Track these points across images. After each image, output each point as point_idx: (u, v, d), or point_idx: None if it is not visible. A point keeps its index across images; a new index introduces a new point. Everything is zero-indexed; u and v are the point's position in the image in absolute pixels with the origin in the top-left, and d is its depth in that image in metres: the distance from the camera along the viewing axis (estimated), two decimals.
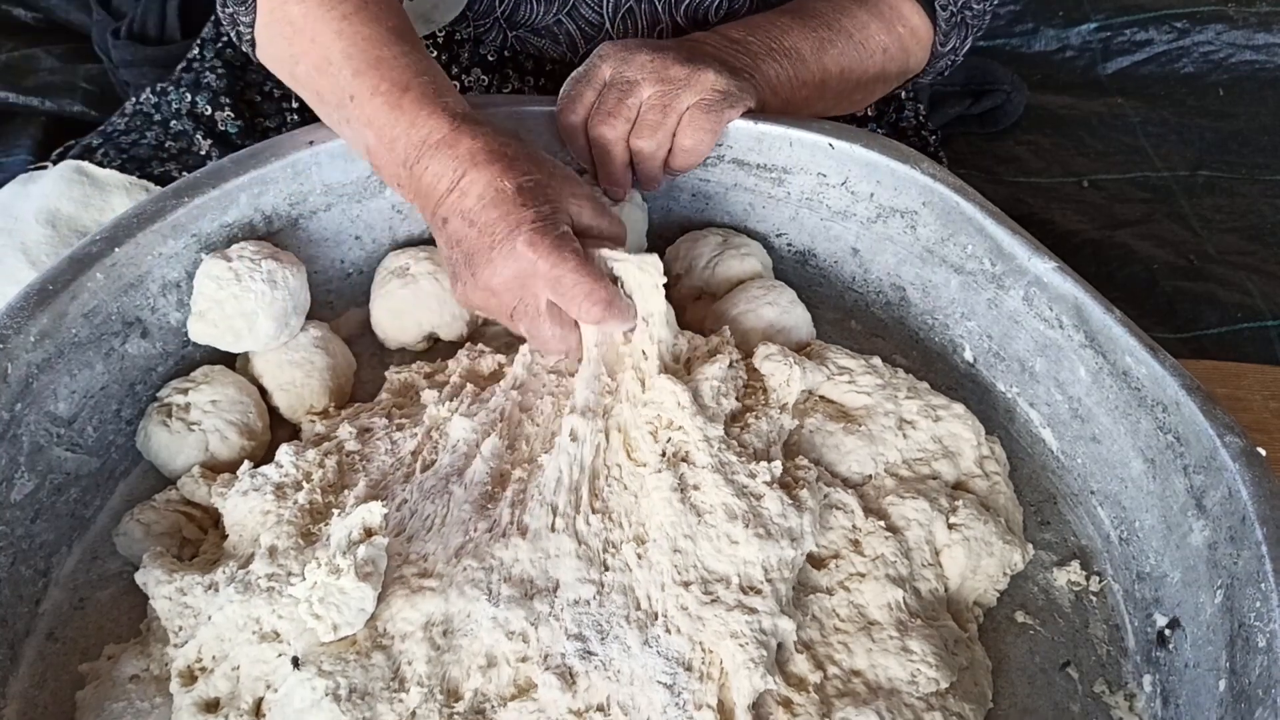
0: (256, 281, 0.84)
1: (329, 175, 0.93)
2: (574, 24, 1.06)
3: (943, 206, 0.92)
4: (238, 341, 0.86)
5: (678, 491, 0.74)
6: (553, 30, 1.06)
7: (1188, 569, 0.75)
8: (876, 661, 0.71)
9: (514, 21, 1.07)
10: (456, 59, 1.11)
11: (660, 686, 0.67)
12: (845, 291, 1.02)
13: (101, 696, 0.71)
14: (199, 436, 0.83)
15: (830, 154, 0.95)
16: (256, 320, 0.85)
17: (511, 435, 0.80)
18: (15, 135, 1.31)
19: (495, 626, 0.69)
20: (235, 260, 0.85)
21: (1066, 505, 0.88)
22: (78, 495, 0.81)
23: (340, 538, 0.69)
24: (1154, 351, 0.79)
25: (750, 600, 0.70)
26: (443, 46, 1.10)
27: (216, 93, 1.15)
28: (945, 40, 1.04)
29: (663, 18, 1.05)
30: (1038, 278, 0.86)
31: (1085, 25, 1.65)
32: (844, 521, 0.78)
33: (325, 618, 0.66)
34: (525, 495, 0.75)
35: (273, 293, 0.85)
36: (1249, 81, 1.60)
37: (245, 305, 0.84)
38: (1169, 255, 1.33)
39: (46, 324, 0.77)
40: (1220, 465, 0.73)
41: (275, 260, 0.86)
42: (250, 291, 0.84)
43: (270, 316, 0.85)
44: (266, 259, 0.86)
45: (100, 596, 0.79)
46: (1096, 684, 0.77)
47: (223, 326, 0.85)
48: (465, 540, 0.73)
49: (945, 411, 0.86)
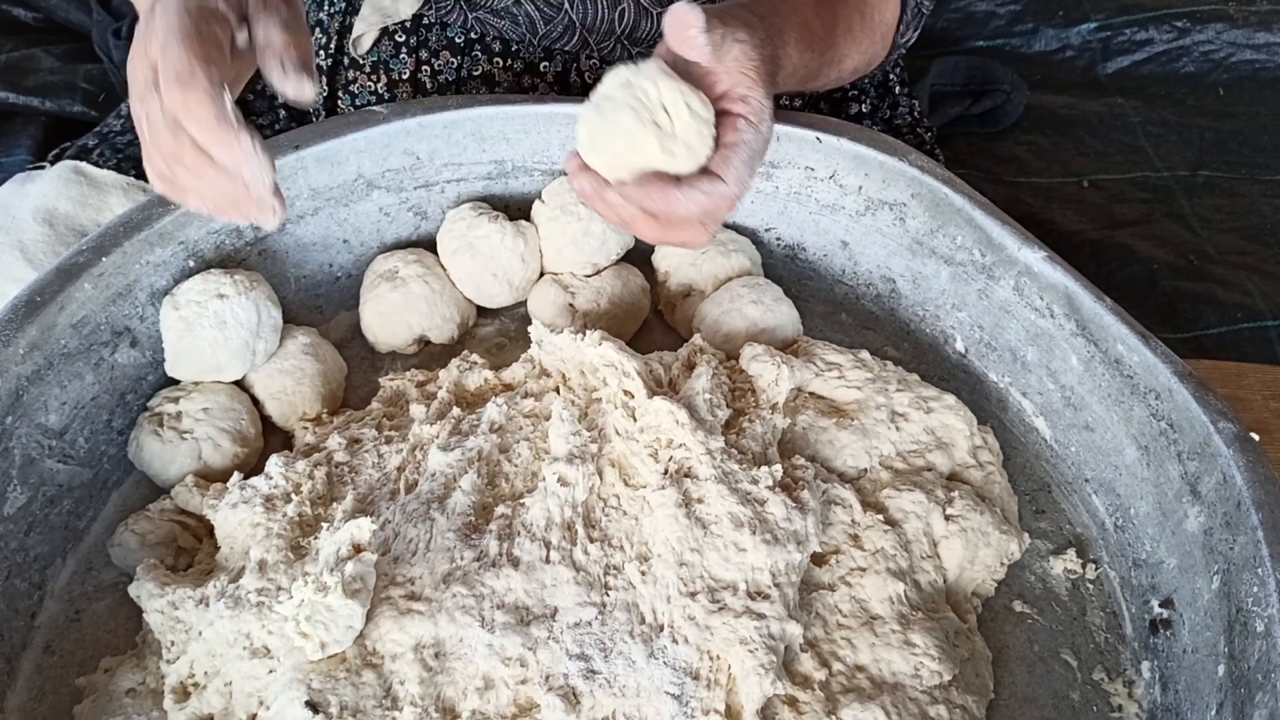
0: (206, 328, 0.84)
1: (315, 179, 0.92)
2: (533, 5, 1.06)
3: (931, 198, 0.92)
4: (218, 374, 0.87)
5: (682, 507, 0.73)
6: (511, 11, 1.07)
7: (1184, 555, 0.76)
8: (880, 656, 0.71)
9: (473, 3, 1.07)
10: (425, 43, 1.11)
11: (668, 697, 0.67)
12: (835, 285, 1.02)
13: (99, 711, 0.71)
14: (192, 445, 0.83)
15: (818, 148, 0.95)
16: (220, 359, 0.85)
17: (490, 473, 0.79)
18: (15, 135, 1.30)
19: (491, 653, 0.68)
20: (183, 307, 0.84)
21: (1061, 494, 0.88)
22: (71, 507, 0.81)
23: (328, 554, 0.69)
24: (1145, 339, 0.79)
25: (758, 606, 0.70)
26: (411, 30, 1.11)
27: None
28: (904, 32, 1.04)
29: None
30: (1028, 267, 0.86)
31: (1085, 25, 1.65)
32: (843, 517, 0.78)
33: (313, 635, 0.66)
34: (511, 530, 0.74)
35: (224, 334, 0.84)
36: (1249, 81, 1.60)
37: (204, 351, 0.85)
38: (1169, 255, 1.33)
39: (35, 335, 0.76)
40: (1214, 451, 0.73)
41: (221, 298, 0.85)
42: (203, 339, 0.84)
43: (230, 354, 0.85)
44: (213, 298, 0.84)
45: (96, 608, 0.78)
46: (1095, 671, 0.78)
47: (195, 367, 0.86)
48: (453, 567, 0.72)
49: (936, 403, 0.86)
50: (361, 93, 1.13)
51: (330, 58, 1.13)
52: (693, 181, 0.72)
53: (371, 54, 1.12)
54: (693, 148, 0.71)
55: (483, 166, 0.98)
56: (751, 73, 0.74)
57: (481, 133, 0.96)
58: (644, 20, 1.08)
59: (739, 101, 0.74)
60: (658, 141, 0.70)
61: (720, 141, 0.73)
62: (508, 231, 0.95)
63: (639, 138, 0.70)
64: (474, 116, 0.95)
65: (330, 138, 0.91)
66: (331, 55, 1.13)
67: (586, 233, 0.95)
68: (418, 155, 0.96)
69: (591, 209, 0.76)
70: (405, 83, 1.12)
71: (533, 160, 0.99)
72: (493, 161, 0.98)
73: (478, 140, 0.96)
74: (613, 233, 0.96)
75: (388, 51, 1.12)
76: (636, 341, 0.97)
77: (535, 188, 1.00)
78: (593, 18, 1.07)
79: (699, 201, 0.72)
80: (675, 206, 0.72)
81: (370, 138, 0.93)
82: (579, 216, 0.95)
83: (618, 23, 1.07)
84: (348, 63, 1.13)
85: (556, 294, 0.96)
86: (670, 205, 0.72)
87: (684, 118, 0.70)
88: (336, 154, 0.92)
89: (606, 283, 0.97)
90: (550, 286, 0.97)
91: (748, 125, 0.73)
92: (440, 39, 1.11)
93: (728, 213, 0.74)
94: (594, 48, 1.09)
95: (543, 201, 0.98)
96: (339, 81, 1.14)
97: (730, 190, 0.73)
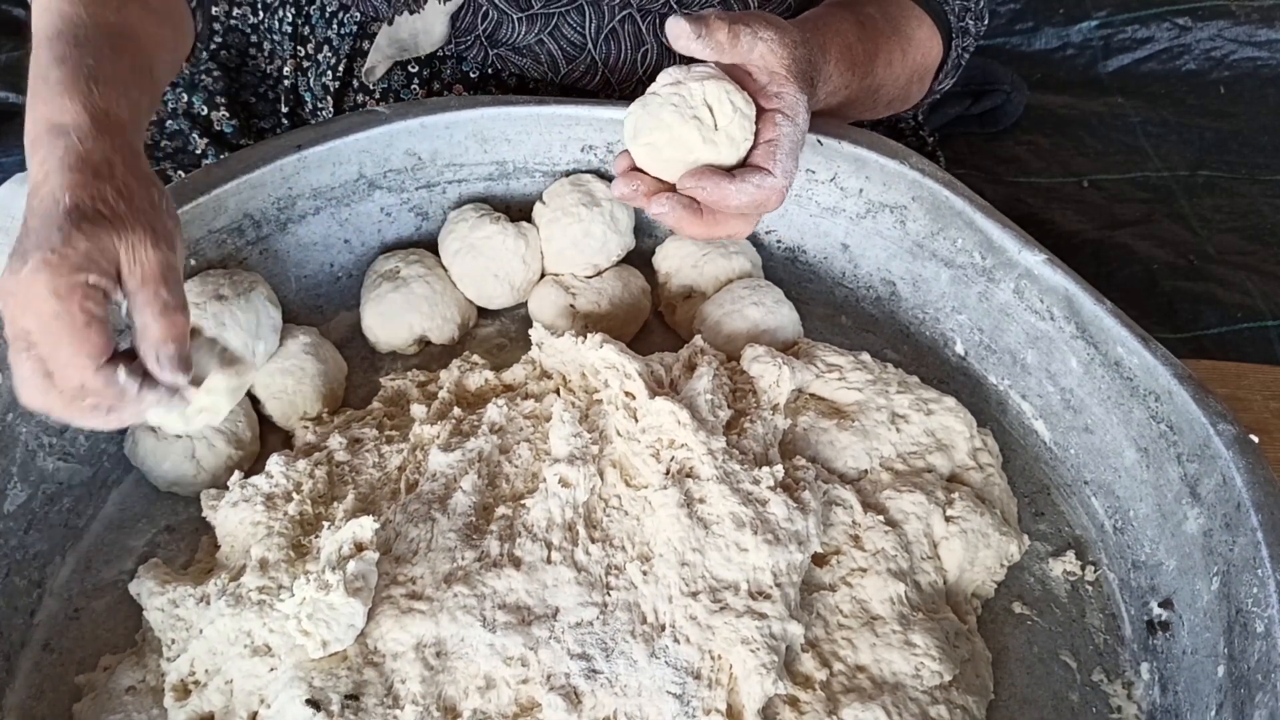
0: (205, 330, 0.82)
1: (317, 179, 0.92)
2: (555, 44, 1.05)
3: (932, 201, 0.92)
4: None
5: (684, 507, 0.73)
6: (534, 50, 1.06)
7: (1183, 557, 0.76)
8: (881, 656, 0.71)
9: (495, 40, 1.06)
10: (439, 75, 1.10)
11: (669, 696, 0.67)
12: (835, 287, 1.02)
13: (98, 709, 0.71)
14: (186, 444, 0.83)
15: (818, 150, 0.95)
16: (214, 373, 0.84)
17: (491, 474, 0.79)
18: (15, 135, 1.29)
19: (493, 653, 0.68)
20: None
21: (1060, 496, 0.88)
22: (70, 505, 0.81)
23: (330, 552, 0.69)
24: (1145, 341, 0.79)
25: (760, 606, 0.70)
26: (424, 62, 1.10)
27: (212, 93, 1.16)
28: (942, 80, 1.05)
29: (647, 39, 1.05)
30: (1028, 270, 0.87)
31: (1086, 23, 1.65)
32: (844, 517, 0.78)
33: (314, 634, 0.66)
34: (513, 531, 0.74)
35: (224, 334, 0.83)
36: (1250, 79, 1.60)
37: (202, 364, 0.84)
38: (1169, 255, 1.33)
39: None
40: (1214, 453, 0.73)
41: (219, 299, 0.84)
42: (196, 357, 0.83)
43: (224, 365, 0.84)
44: (212, 300, 0.83)
45: (95, 606, 0.78)
46: (1094, 672, 0.78)
47: None
48: (454, 567, 0.72)
49: (936, 405, 0.86)
50: None
51: (338, 80, 1.11)
52: (744, 175, 0.75)
53: (382, 81, 1.11)
54: (734, 139, 0.75)
55: (484, 167, 0.98)
56: (782, 70, 0.77)
57: (483, 134, 0.96)
58: (666, 60, 1.05)
59: (774, 98, 0.77)
60: (699, 134, 0.74)
61: (759, 138, 0.76)
62: (509, 233, 0.95)
63: (680, 129, 0.74)
64: (476, 117, 0.95)
65: (332, 138, 0.91)
66: (339, 77, 1.11)
67: (587, 234, 0.95)
68: (419, 156, 0.96)
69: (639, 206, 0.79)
70: None
71: (534, 161, 0.99)
72: (494, 162, 0.98)
73: (479, 141, 0.96)
74: (613, 234, 0.96)
75: (399, 81, 1.11)
76: (637, 343, 0.97)
77: (536, 189, 1.00)
78: (616, 57, 1.06)
79: (750, 194, 0.75)
80: (728, 198, 0.75)
81: (372, 138, 0.93)
82: (580, 218, 0.95)
83: (640, 63, 1.06)
84: (357, 86, 1.12)
85: (557, 295, 0.96)
86: (723, 196, 0.75)
87: (726, 112, 0.74)
88: (339, 154, 0.92)
89: (607, 284, 0.97)
90: (551, 288, 0.97)
91: (785, 120, 0.76)
92: (455, 72, 1.10)
93: (777, 205, 0.77)
94: (615, 87, 1.08)
95: (544, 203, 0.98)
96: (346, 103, 1.13)
97: (779, 182, 0.76)
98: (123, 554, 0.81)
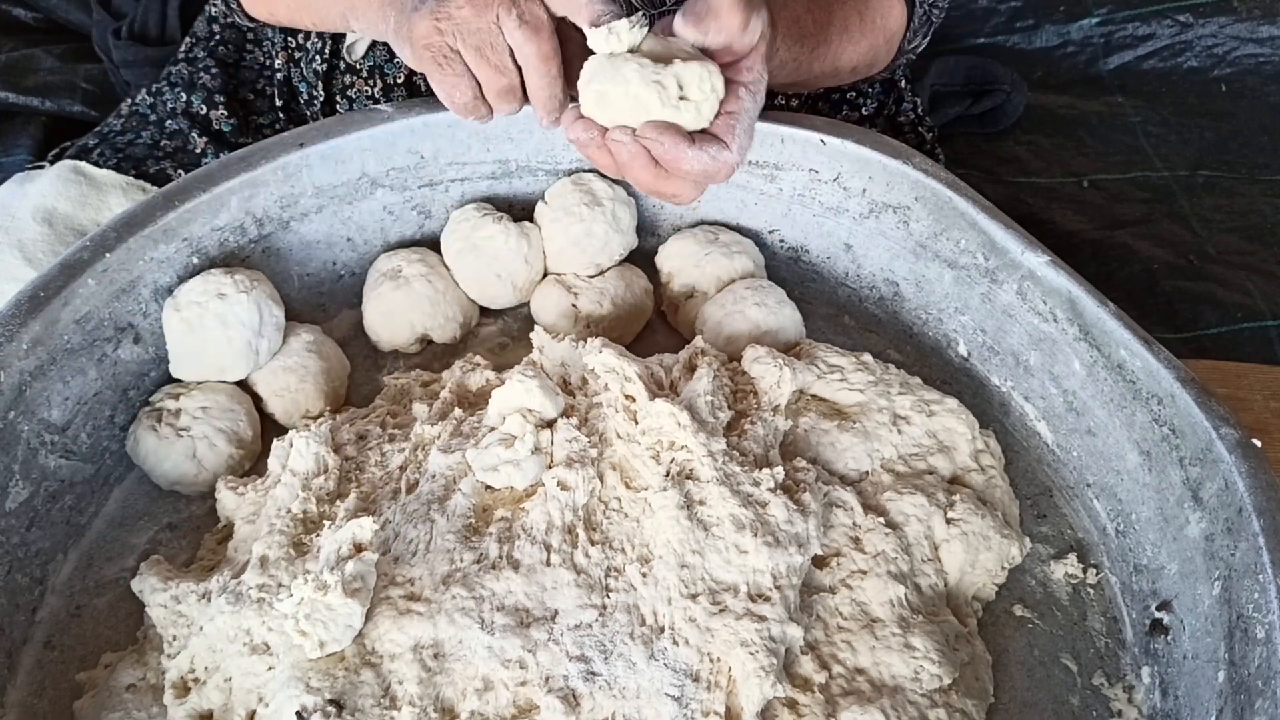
0: (207, 329, 0.84)
1: (320, 177, 0.92)
2: None
3: (935, 202, 0.92)
4: (222, 375, 0.87)
5: (684, 509, 0.73)
6: None
7: (1185, 561, 0.75)
8: (880, 659, 0.71)
9: None
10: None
11: (668, 699, 0.67)
12: (838, 287, 1.02)
13: (99, 706, 0.71)
14: (187, 443, 0.83)
15: (822, 150, 0.95)
16: (224, 359, 0.86)
17: None
18: (15, 135, 1.30)
19: (491, 655, 0.68)
20: (184, 308, 0.84)
21: (1063, 498, 0.88)
22: (72, 502, 0.81)
23: (329, 552, 0.69)
24: (1148, 344, 0.79)
25: (759, 608, 0.70)
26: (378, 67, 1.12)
27: (211, 92, 1.17)
28: (912, 39, 1.04)
29: None
30: (1031, 271, 0.86)
31: (1087, 20, 1.64)
32: (844, 519, 0.78)
33: (312, 634, 0.66)
34: (512, 534, 0.74)
35: (226, 334, 0.85)
36: (1252, 76, 1.60)
37: (207, 351, 0.85)
38: (1169, 255, 1.33)
39: (38, 331, 0.77)
40: (1216, 457, 0.73)
41: (221, 298, 0.85)
42: (205, 339, 0.84)
43: (233, 354, 0.86)
44: (214, 299, 0.84)
45: (97, 604, 0.78)
46: (1095, 676, 0.78)
47: (199, 368, 0.86)
48: (452, 569, 0.72)
49: (938, 406, 0.86)
50: (358, 97, 1.14)
51: (325, 62, 1.13)
52: (703, 143, 0.75)
53: (367, 58, 1.12)
54: (702, 114, 0.75)
55: (487, 166, 0.98)
56: (763, 46, 0.78)
57: (486, 132, 0.96)
58: None
59: (744, 71, 0.77)
60: (658, 96, 0.73)
61: (723, 108, 0.76)
62: (511, 232, 0.95)
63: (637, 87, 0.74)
64: None
65: (335, 136, 0.92)
66: (327, 60, 1.13)
67: (589, 234, 0.95)
68: (422, 154, 0.96)
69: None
70: (400, 86, 1.13)
71: (537, 160, 0.99)
72: (497, 161, 0.98)
73: (482, 139, 0.96)
74: (616, 234, 0.96)
75: (382, 56, 1.12)
76: (639, 342, 0.98)
77: (539, 188, 1.00)
78: None
79: (705, 163, 0.75)
80: (682, 161, 0.75)
81: (375, 136, 0.93)
82: (582, 218, 0.95)
83: None
84: (344, 67, 1.13)
85: (560, 295, 0.96)
86: (678, 157, 0.75)
87: (705, 91, 0.74)
88: (341, 152, 0.92)
89: (609, 284, 0.97)
90: (553, 287, 0.97)
91: (748, 94, 0.77)
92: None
93: (725, 179, 0.77)
94: None
95: (546, 202, 0.98)
96: (336, 86, 1.14)
97: (733, 158, 0.76)
98: (124, 552, 0.81)
